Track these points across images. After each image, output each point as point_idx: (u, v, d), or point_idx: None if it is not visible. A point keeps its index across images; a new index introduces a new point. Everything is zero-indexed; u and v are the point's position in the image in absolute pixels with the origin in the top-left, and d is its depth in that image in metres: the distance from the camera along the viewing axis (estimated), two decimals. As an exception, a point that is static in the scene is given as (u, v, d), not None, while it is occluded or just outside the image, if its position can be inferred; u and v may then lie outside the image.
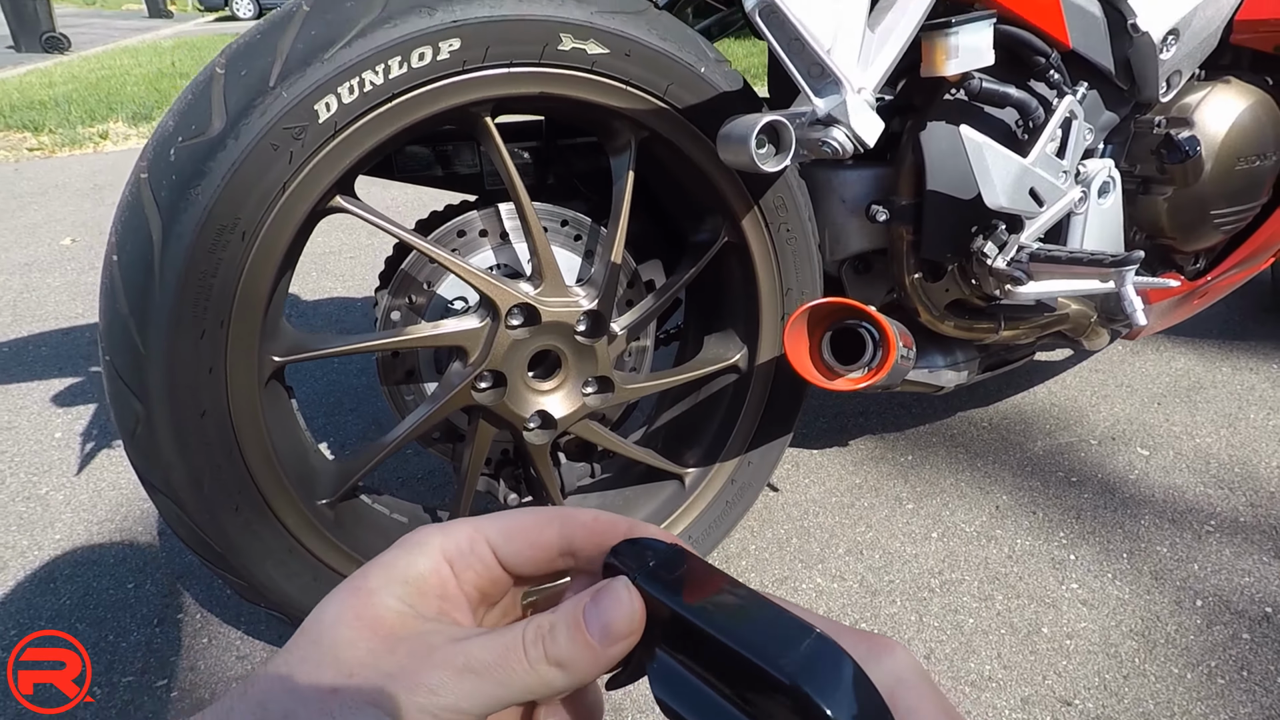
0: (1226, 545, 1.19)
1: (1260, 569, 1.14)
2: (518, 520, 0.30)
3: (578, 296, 0.88)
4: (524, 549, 0.30)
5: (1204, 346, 1.76)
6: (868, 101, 0.67)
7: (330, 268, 2.35)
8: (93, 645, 1.00)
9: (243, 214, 0.70)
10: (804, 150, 0.70)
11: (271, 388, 0.81)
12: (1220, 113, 1.04)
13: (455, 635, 0.27)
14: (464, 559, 0.29)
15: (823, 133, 0.67)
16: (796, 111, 0.71)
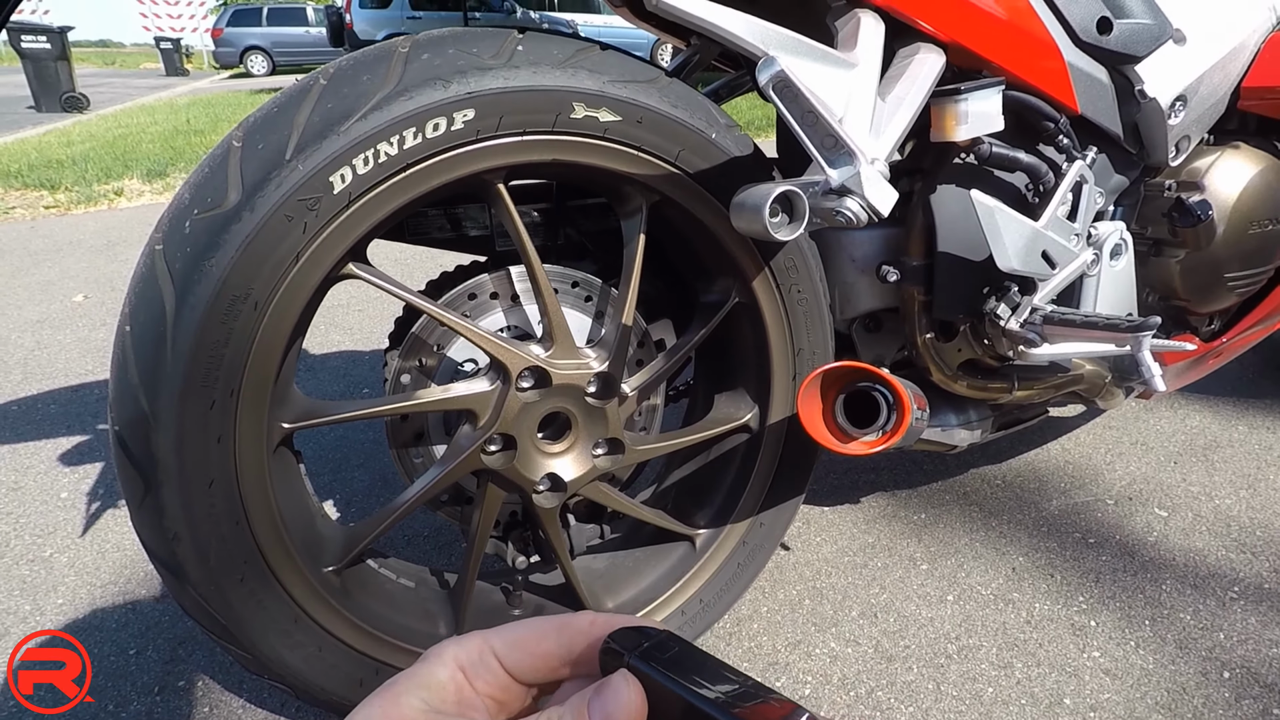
0: (1252, 613, 1.16)
1: (1289, 637, 1.11)
2: (520, 632, 0.33)
3: (588, 358, 0.87)
4: (526, 659, 0.32)
5: (1219, 404, 1.74)
6: (881, 172, 0.68)
7: (339, 321, 2.36)
8: (92, 717, 0.97)
9: (256, 284, 0.70)
10: (817, 219, 0.70)
11: (280, 454, 0.80)
12: (1231, 177, 1.04)
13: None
14: (475, 668, 0.32)
15: (836, 203, 0.67)
16: (810, 181, 0.71)
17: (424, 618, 0.92)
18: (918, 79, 0.83)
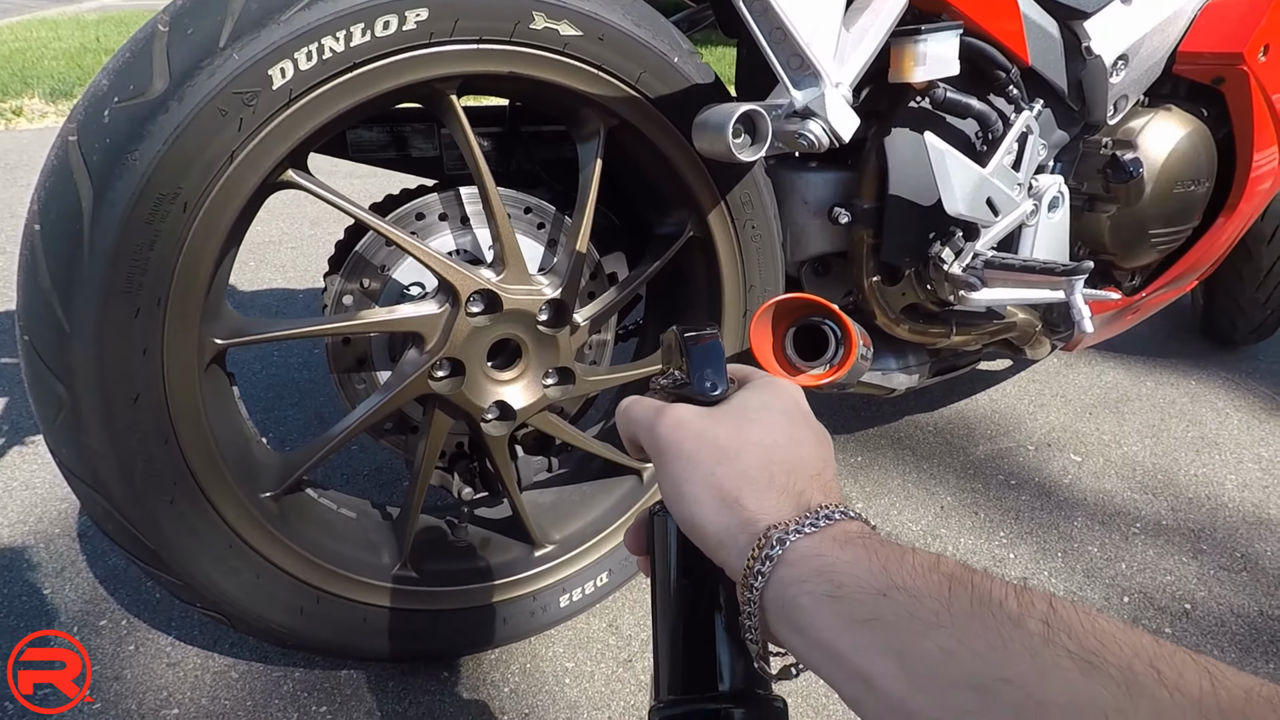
0: (1151, 546, 1.24)
1: (1180, 569, 1.20)
2: None
3: (541, 285, 0.85)
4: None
5: (1130, 362, 1.84)
6: (845, 96, 0.68)
7: (270, 258, 2.24)
8: (3, 655, 0.91)
9: (185, 183, 0.65)
10: (779, 143, 0.69)
11: (212, 373, 0.76)
12: (1162, 139, 1.08)
13: None
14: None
15: (799, 125, 0.66)
16: (773, 103, 0.71)
17: (367, 548, 0.89)
18: (881, 13, 0.83)
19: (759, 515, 0.36)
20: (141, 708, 0.90)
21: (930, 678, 0.28)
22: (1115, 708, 0.23)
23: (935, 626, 0.28)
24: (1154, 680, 0.24)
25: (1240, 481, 1.40)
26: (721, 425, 0.40)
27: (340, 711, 0.91)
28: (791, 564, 0.33)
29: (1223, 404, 1.67)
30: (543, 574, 0.98)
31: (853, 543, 0.33)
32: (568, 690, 0.96)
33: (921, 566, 0.30)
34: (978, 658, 0.27)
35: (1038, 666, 0.26)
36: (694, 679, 0.40)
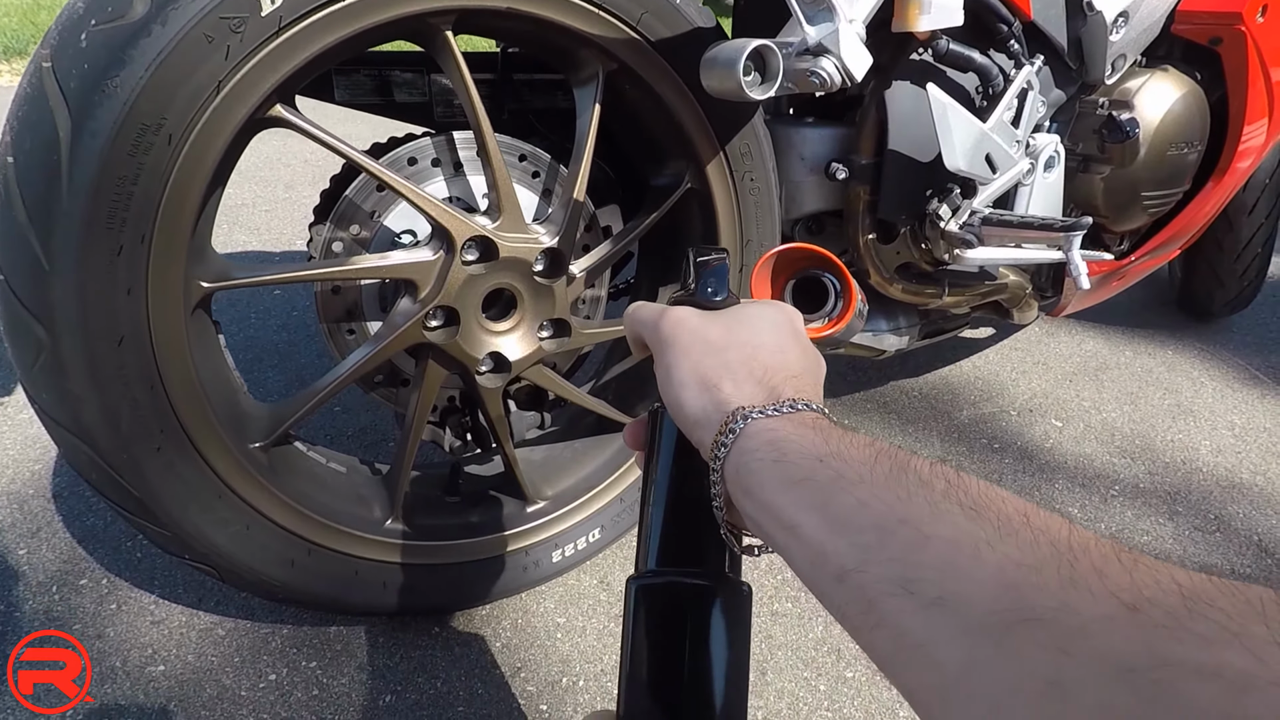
0: (1128, 508, 1.27)
1: (1157, 529, 1.22)
2: None
3: (538, 234, 0.84)
4: None
5: (1110, 332, 1.87)
6: (858, 34, 0.66)
7: (244, 220, 2.18)
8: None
9: (170, 113, 0.62)
10: (790, 82, 0.68)
11: (198, 317, 0.73)
12: (1157, 99, 1.09)
13: None
14: None
15: (811, 63, 0.65)
16: (785, 40, 0.69)
17: (357, 502, 0.88)
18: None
19: (732, 399, 0.40)
20: (126, 665, 0.88)
21: (845, 523, 0.32)
22: (986, 540, 0.28)
23: (857, 483, 0.33)
24: (1023, 524, 0.28)
25: (1214, 447, 1.44)
26: (715, 325, 0.45)
27: (330, 666, 0.90)
28: (750, 437, 0.37)
29: (1198, 373, 1.70)
30: (535, 529, 0.97)
31: (805, 424, 0.37)
32: (559, 644, 0.96)
33: (858, 443, 0.35)
34: (885, 505, 0.31)
35: (931, 512, 0.30)
36: (671, 557, 0.44)
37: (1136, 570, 0.25)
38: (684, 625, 0.42)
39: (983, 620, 0.26)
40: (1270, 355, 1.80)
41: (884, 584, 0.29)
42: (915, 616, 0.28)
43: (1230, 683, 0.20)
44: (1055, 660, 0.24)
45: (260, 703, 0.85)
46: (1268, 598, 0.22)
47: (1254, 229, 1.58)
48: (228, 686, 0.86)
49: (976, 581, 0.27)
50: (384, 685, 0.88)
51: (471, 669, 0.91)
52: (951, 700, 0.27)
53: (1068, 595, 0.25)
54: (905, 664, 0.28)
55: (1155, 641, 0.22)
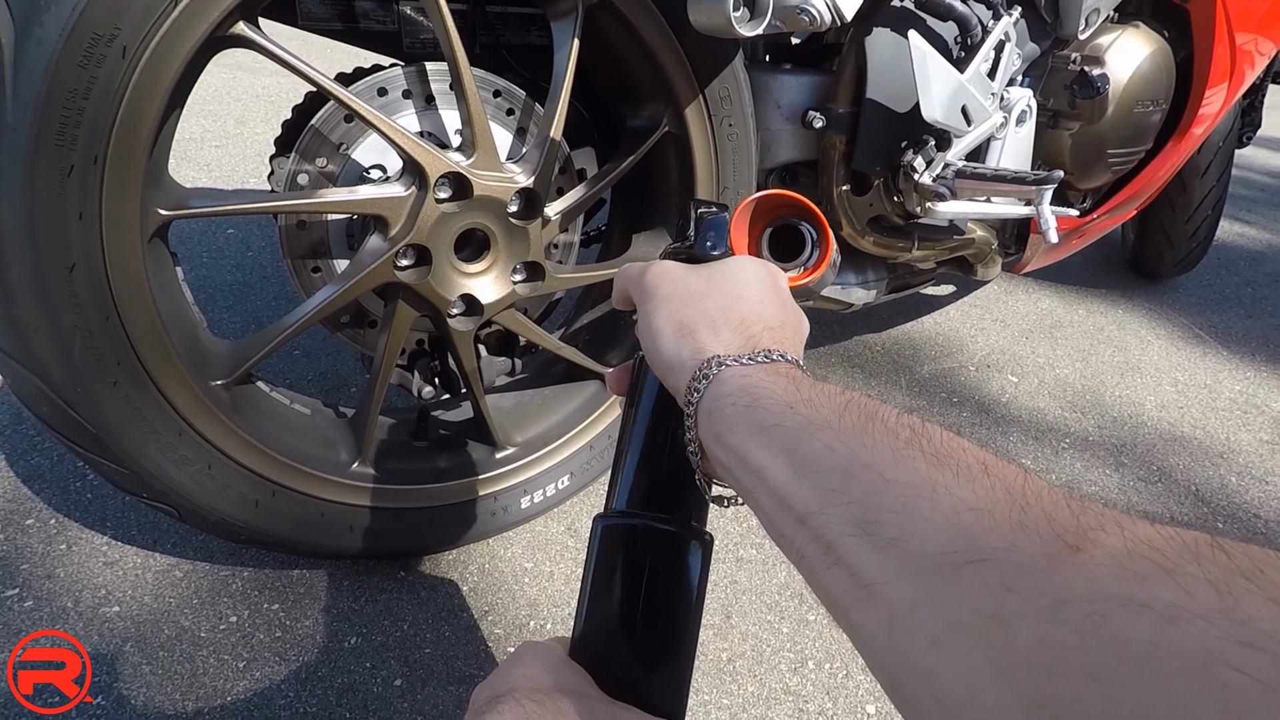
0: (1078, 460, 1.32)
1: (1103, 480, 1.28)
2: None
3: (513, 172, 0.81)
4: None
5: (1065, 291, 1.92)
6: (848, -27, 0.65)
7: (193, 156, 2.08)
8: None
9: (124, 24, 0.58)
10: (778, 21, 0.66)
11: (155, 247, 0.70)
12: (1127, 56, 1.10)
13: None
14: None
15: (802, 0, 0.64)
16: (774, -22, 0.67)
17: (323, 444, 0.86)
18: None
19: (708, 346, 0.40)
20: (79, 605, 0.86)
21: (810, 467, 0.33)
22: (945, 486, 0.29)
23: (824, 429, 0.33)
24: (981, 472, 0.30)
25: (1159, 402, 1.50)
26: (698, 275, 0.45)
27: (294, 608, 0.89)
28: (723, 383, 0.38)
29: (1146, 332, 1.76)
30: (504, 475, 0.97)
31: (780, 374, 0.38)
32: (526, 589, 0.96)
33: (829, 391, 0.36)
34: (850, 451, 0.32)
35: (894, 458, 0.31)
36: (639, 500, 0.45)
37: (1084, 515, 0.26)
38: (644, 568, 0.44)
39: (934, 560, 0.27)
40: (1213, 315, 1.87)
41: (844, 525, 0.30)
42: (870, 556, 0.29)
43: (1159, 614, 0.21)
44: (997, 596, 0.25)
45: (221, 644, 0.84)
46: (1203, 540, 0.23)
47: (1205, 191, 1.63)
48: (186, 628, 0.85)
49: (931, 524, 0.28)
50: (349, 628, 0.88)
51: (439, 612, 0.92)
52: (895, 635, 0.27)
53: (1016, 537, 0.26)
54: (856, 602, 0.29)
55: (1093, 578, 0.23)
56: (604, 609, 0.44)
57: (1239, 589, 0.21)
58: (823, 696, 0.86)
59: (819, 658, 0.90)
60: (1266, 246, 2.42)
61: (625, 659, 0.43)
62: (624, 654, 0.43)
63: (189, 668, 0.81)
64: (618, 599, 0.44)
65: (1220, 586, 0.21)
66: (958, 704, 0.25)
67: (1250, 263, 2.25)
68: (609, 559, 0.44)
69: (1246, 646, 0.19)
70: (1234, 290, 2.04)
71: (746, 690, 0.86)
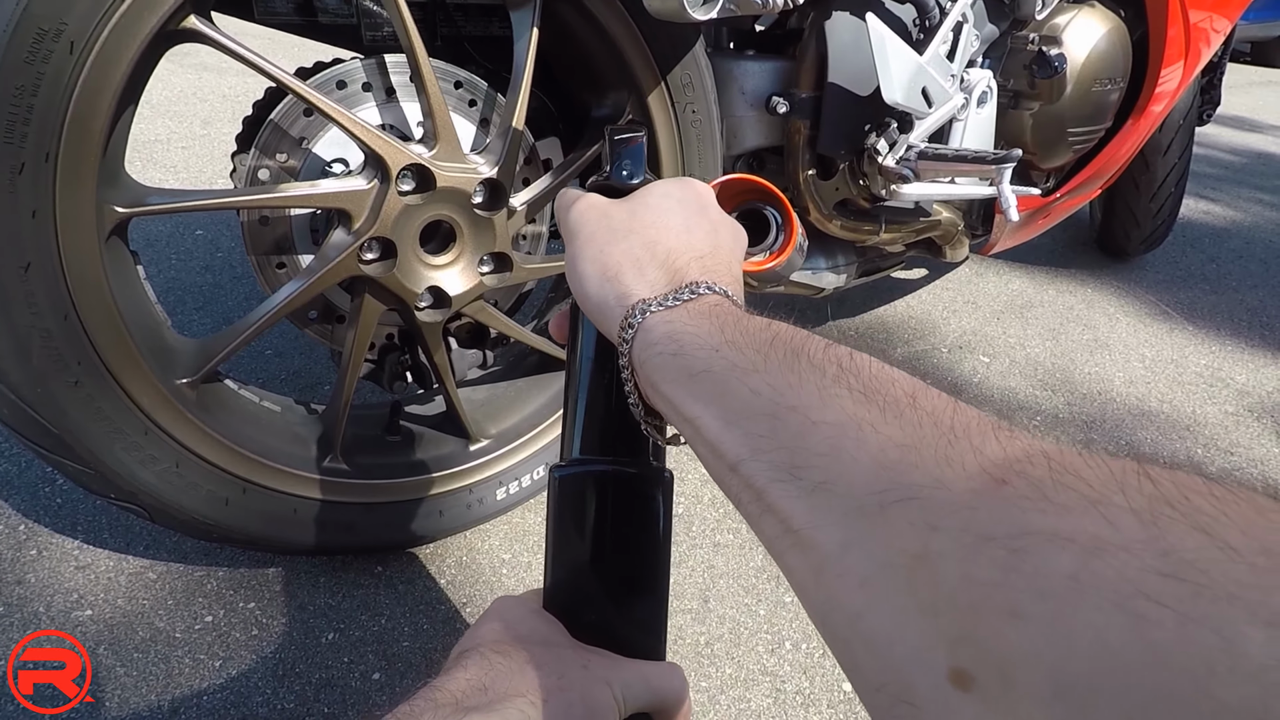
0: (1049, 437, 1.35)
1: (1075, 457, 1.30)
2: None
3: (476, 164, 0.81)
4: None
5: (1035, 272, 1.95)
6: (800, -45, 0.65)
7: (159, 158, 2.05)
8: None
9: (70, 18, 0.57)
10: (731, 3, 0.67)
11: (114, 246, 0.69)
12: (1084, 36, 1.11)
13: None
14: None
15: (755, -16, 0.64)
16: (726, -38, 0.68)
17: (294, 440, 0.86)
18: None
19: (633, 289, 0.39)
20: (50, 610, 0.85)
21: (738, 414, 0.32)
22: (871, 424, 0.28)
23: (751, 373, 0.33)
24: (909, 405, 0.29)
25: (1127, 378, 1.53)
26: (619, 211, 0.43)
27: (270, 606, 0.89)
28: (649, 330, 0.37)
29: (1114, 310, 1.79)
30: (479, 468, 0.97)
31: (704, 314, 0.37)
32: (505, 580, 0.97)
33: (754, 328, 0.35)
34: (776, 393, 0.31)
35: (820, 398, 0.30)
36: (591, 446, 0.45)
37: (1011, 445, 0.26)
38: (603, 513, 0.44)
39: (861, 502, 0.27)
40: (1180, 292, 1.91)
41: (773, 471, 0.30)
42: (799, 501, 0.29)
43: (1082, 547, 0.21)
44: (923, 536, 0.24)
45: (197, 644, 0.84)
46: (1129, 468, 0.23)
47: (1168, 169, 1.65)
48: (161, 629, 0.85)
49: (858, 464, 0.27)
50: (326, 624, 0.88)
51: (416, 605, 0.92)
52: (824, 578, 0.27)
53: (942, 473, 0.25)
54: (788, 548, 0.29)
55: (1017, 513, 0.23)
56: (568, 558, 0.44)
57: (1164, 518, 0.20)
58: (800, 676, 0.87)
59: (795, 638, 0.92)
60: (1230, 223, 2.46)
61: (594, 604, 0.43)
62: (593, 600, 0.43)
63: (164, 669, 0.81)
64: (581, 547, 0.43)
65: (1144, 516, 0.21)
66: (884, 643, 0.25)
67: (1214, 239, 2.29)
68: (567, 509, 0.44)
69: (1167, 578, 0.19)
70: (1199, 267, 2.07)
71: (724, 672, 0.87)
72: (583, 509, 0.44)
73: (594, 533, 0.43)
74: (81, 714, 0.76)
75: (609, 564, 0.44)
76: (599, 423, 0.45)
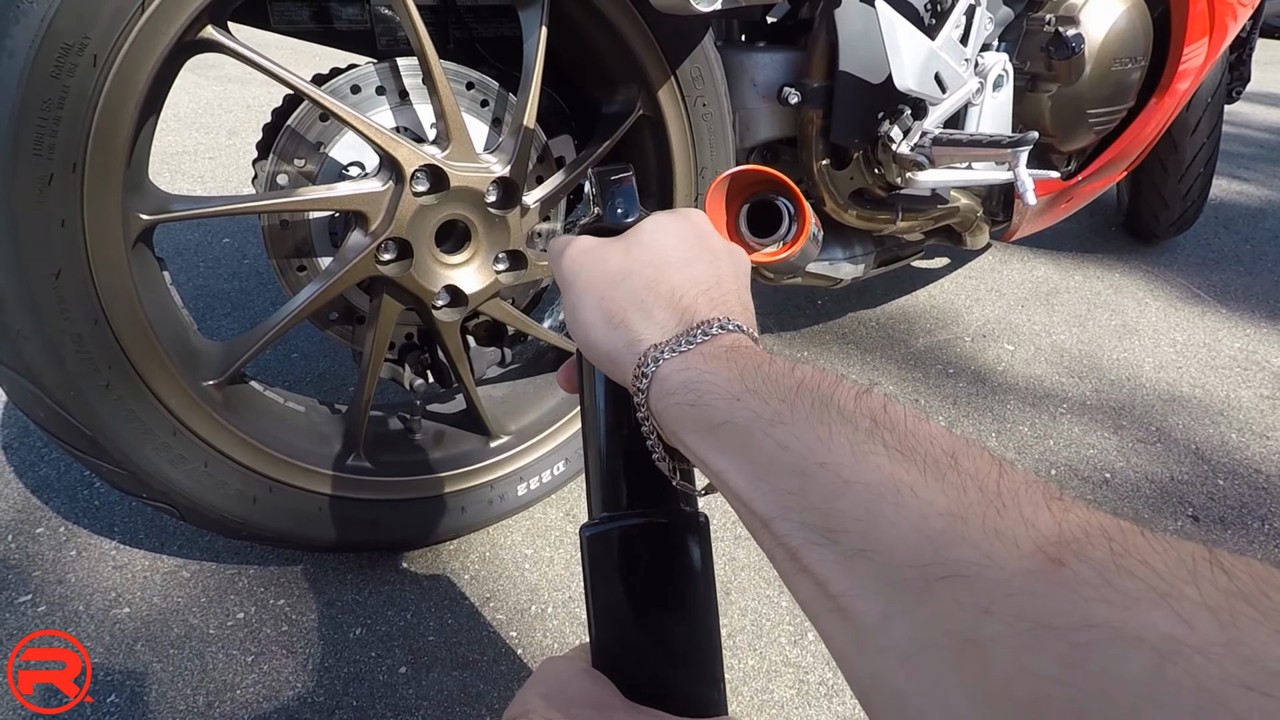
0: (1076, 424, 1.32)
1: (1102, 443, 1.28)
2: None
3: (488, 163, 0.82)
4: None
5: (1060, 258, 1.92)
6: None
7: (186, 169, 2.10)
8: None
9: (93, 32, 0.59)
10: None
11: (140, 252, 0.71)
12: (1102, 15, 1.09)
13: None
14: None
15: (758, -25, 0.64)
16: (729, -46, 0.68)
17: (318, 439, 0.88)
18: None
19: (642, 335, 0.37)
20: (90, 608, 0.88)
21: (766, 469, 0.30)
22: (910, 486, 0.26)
23: (777, 424, 0.30)
24: (950, 467, 0.27)
25: (1157, 363, 1.49)
26: (614, 252, 0.41)
27: (299, 602, 0.91)
28: (664, 379, 0.35)
29: (1143, 294, 1.75)
30: (499, 464, 0.98)
31: (719, 356, 0.35)
32: (527, 575, 0.98)
33: (777, 373, 0.33)
34: (804, 448, 0.29)
35: (853, 454, 0.28)
36: (616, 500, 0.43)
37: (1067, 519, 0.24)
38: (638, 567, 0.42)
39: (903, 573, 0.25)
40: (1211, 274, 1.86)
41: (806, 532, 0.28)
42: (836, 566, 0.27)
43: (1154, 648, 0.19)
44: (974, 618, 0.23)
45: (229, 640, 0.86)
46: (1200, 555, 0.21)
47: (1196, 149, 1.62)
48: (195, 625, 0.87)
49: (898, 531, 0.26)
50: (354, 619, 0.90)
51: (441, 600, 0.93)
52: (865, 650, 0.26)
53: (992, 547, 0.24)
54: (825, 611, 0.28)
55: (1079, 601, 0.21)
56: (609, 617, 0.42)
57: (1243, 618, 0.19)
58: (823, 667, 0.87)
59: (818, 628, 0.91)
60: (1265, 203, 2.40)
61: (643, 663, 0.41)
62: (641, 658, 0.42)
63: (199, 664, 0.83)
64: (621, 606, 0.42)
65: (1222, 615, 0.19)
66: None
67: (1249, 220, 2.23)
68: (600, 568, 0.42)
69: (1253, 691, 0.17)
70: (1233, 249, 2.02)
71: (747, 664, 0.87)
72: (616, 568, 0.42)
73: (632, 591, 0.42)
74: (95, 712, 0.78)
75: (652, 621, 0.42)
76: (622, 474, 0.43)
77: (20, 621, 0.85)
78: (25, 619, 0.86)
